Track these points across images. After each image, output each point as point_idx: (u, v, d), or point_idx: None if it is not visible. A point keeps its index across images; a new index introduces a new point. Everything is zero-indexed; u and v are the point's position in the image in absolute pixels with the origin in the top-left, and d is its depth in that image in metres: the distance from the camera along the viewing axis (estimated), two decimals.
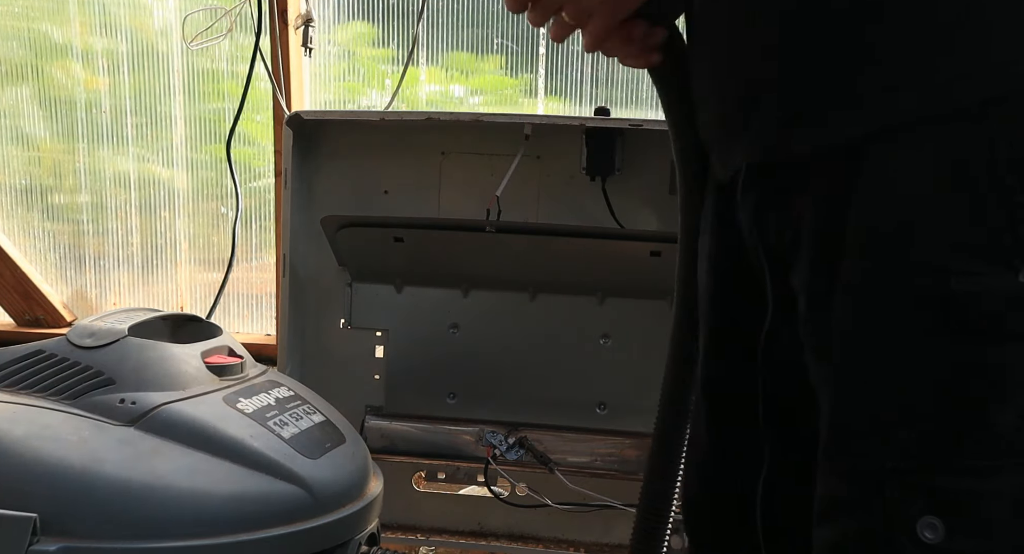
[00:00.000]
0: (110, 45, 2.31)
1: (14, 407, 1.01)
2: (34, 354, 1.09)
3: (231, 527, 0.96)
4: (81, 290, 2.48)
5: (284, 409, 1.12)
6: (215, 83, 2.31)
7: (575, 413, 1.65)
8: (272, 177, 2.21)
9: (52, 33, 2.33)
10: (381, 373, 1.72)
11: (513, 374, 1.67)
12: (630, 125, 1.55)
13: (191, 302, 2.44)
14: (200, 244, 2.42)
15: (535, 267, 1.62)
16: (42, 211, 2.45)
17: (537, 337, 1.67)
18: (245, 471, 1.00)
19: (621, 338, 1.64)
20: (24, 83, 2.36)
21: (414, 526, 1.74)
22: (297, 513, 1.01)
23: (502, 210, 1.60)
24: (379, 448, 1.63)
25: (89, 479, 0.94)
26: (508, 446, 1.61)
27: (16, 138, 2.40)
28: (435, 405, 1.69)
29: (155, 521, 0.94)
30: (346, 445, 1.14)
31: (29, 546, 0.89)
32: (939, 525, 0.61)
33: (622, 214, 1.63)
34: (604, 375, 1.65)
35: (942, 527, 0.61)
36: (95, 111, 2.36)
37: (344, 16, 2.16)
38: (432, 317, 1.69)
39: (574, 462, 1.61)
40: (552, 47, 2.13)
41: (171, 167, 2.38)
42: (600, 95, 2.14)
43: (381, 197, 1.70)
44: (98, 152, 2.38)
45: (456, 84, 2.21)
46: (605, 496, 1.59)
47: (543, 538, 1.72)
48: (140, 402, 1.01)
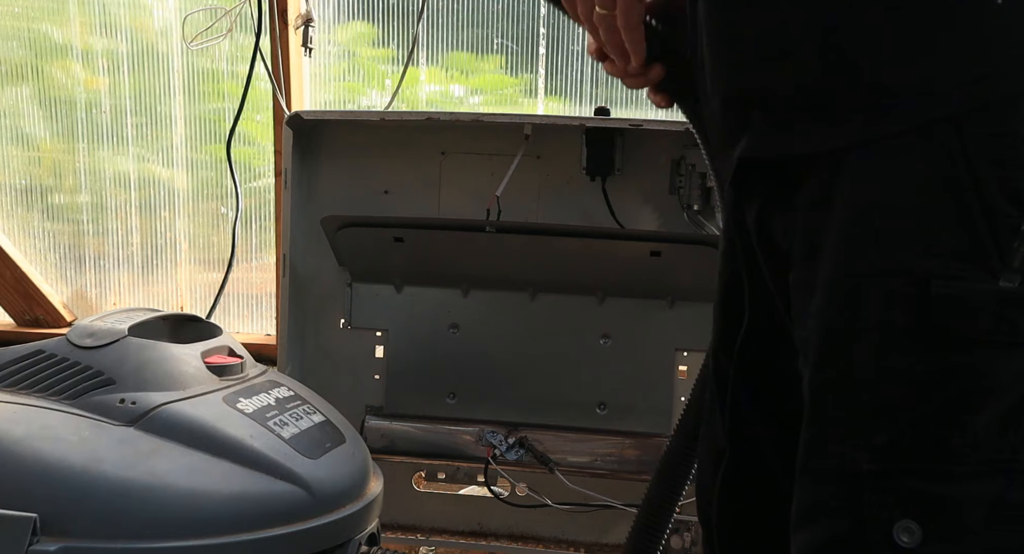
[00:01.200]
0: (110, 45, 2.31)
1: (14, 407, 1.01)
2: (34, 354, 1.09)
3: (231, 527, 0.96)
4: (81, 290, 2.48)
5: (284, 409, 1.12)
6: (215, 83, 2.31)
7: (575, 413, 1.65)
8: (272, 177, 2.21)
9: (52, 33, 2.33)
10: (381, 373, 1.72)
11: (513, 374, 1.67)
12: (630, 125, 1.55)
13: (191, 302, 2.44)
14: (200, 244, 2.42)
15: (535, 267, 1.62)
16: (42, 211, 2.45)
17: (537, 337, 1.67)
18: (245, 471, 1.00)
19: (621, 338, 1.64)
20: (24, 83, 2.36)
21: (414, 526, 1.74)
22: (297, 513, 1.01)
23: (502, 210, 1.60)
24: (379, 448, 1.62)
25: (89, 479, 0.94)
26: (508, 446, 1.61)
27: (16, 138, 2.40)
28: (435, 405, 1.69)
29: (155, 521, 0.94)
30: (346, 445, 1.14)
31: (29, 546, 0.90)
32: (915, 529, 0.61)
33: (622, 214, 1.63)
34: (604, 375, 1.65)
35: (919, 531, 0.61)
36: (95, 111, 2.35)
37: (344, 16, 2.16)
38: (432, 317, 1.69)
39: (574, 462, 1.61)
40: (552, 47, 2.13)
41: (171, 167, 2.38)
42: (600, 95, 2.14)
43: (381, 197, 1.70)
44: (98, 152, 2.38)
45: (456, 84, 2.21)
46: (605, 496, 1.59)
47: (543, 538, 1.72)
48: (140, 402, 1.01)
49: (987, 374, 0.61)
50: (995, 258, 0.61)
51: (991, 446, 0.61)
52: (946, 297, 0.61)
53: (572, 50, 2.13)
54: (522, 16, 2.13)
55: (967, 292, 0.61)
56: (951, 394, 0.61)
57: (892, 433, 0.63)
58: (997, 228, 0.61)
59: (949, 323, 0.61)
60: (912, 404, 0.62)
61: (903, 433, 0.62)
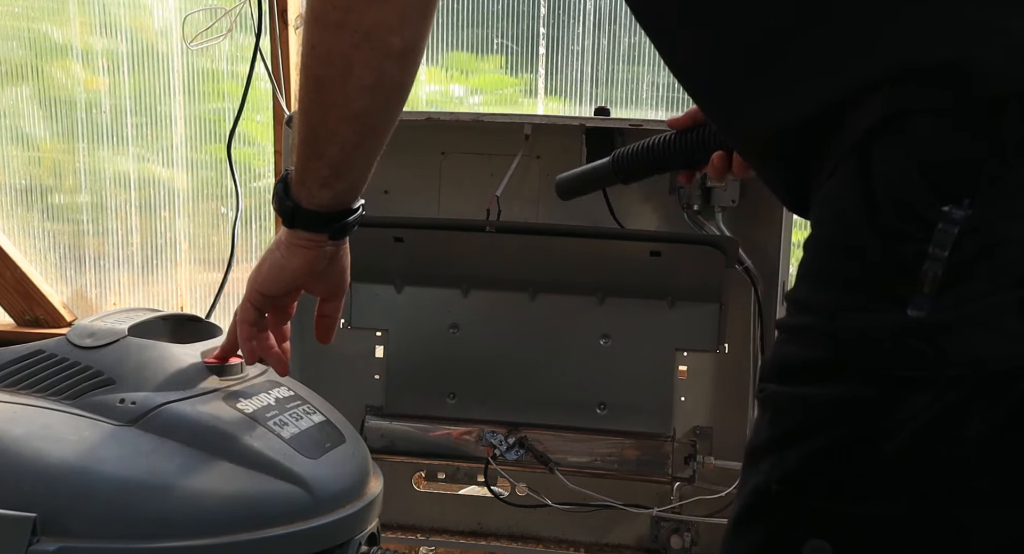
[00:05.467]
0: (110, 45, 2.31)
1: (14, 407, 1.01)
2: (34, 354, 1.08)
3: (231, 527, 0.96)
4: (81, 290, 2.48)
5: (284, 409, 1.12)
6: (215, 83, 2.31)
7: (575, 413, 1.65)
8: (272, 177, 2.21)
9: (52, 33, 2.33)
10: (381, 373, 1.72)
11: (513, 374, 1.67)
12: (630, 125, 1.55)
13: (191, 302, 2.44)
14: (200, 244, 2.42)
15: (535, 267, 1.62)
16: (42, 211, 2.45)
17: (537, 337, 1.67)
18: (245, 471, 0.99)
19: (621, 338, 1.64)
20: (24, 83, 2.36)
21: (414, 526, 1.74)
22: (297, 513, 1.01)
23: (502, 210, 1.60)
24: (379, 448, 1.63)
25: (89, 479, 0.94)
26: (508, 446, 1.61)
27: (16, 138, 2.40)
28: (435, 405, 1.69)
29: (155, 521, 0.94)
30: (346, 445, 1.14)
31: (29, 546, 0.89)
32: (827, 548, 0.61)
33: (622, 214, 1.63)
34: (604, 375, 1.65)
35: (830, 550, 0.61)
36: (95, 111, 2.36)
37: None
38: (432, 317, 1.69)
39: (574, 462, 1.61)
40: (552, 47, 2.14)
41: (171, 167, 2.38)
42: (600, 95, 2.14)
43: (381, 197, 1.70)
44: (98, 152, 2.38)
45: (456, 84, 2.21)
46: (605, 496, 1.59)
47: (543, 538, 1.72)
48: (140, 402, 1.01)
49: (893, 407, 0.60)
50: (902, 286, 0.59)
51: (898, 471, 0.60)
52: (850, 330, 0.61)
53: (572, 50, 2.13)
54: (522, 16, 2.13)
55: (873, 324, 0.60)
56: (858, 424, 0.61)
57: (801, 451, 0.63)
58: (902, 253, 0.59)
59: (852, 356, 0.61)
60: (818, 426, 0.63)
61: (811, 452, 0.63)
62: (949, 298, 0.57)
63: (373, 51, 0.78)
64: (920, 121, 0.59)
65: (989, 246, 0.57)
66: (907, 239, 0.58)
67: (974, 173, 0.57)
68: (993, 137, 0.57)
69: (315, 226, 0.94)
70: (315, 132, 0.86)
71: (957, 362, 0.57)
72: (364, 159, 0.89)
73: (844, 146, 0.62)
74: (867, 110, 0.60)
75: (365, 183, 0.93)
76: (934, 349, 0.58)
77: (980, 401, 0.57)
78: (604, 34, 2.12)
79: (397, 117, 0.87)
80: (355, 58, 0.79)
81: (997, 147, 0.57)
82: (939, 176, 0.58)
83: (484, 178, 1.65)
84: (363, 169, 0.90)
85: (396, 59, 0.80)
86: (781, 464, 0.64)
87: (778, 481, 0.64)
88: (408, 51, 0.80)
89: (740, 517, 0.68)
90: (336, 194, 0.91)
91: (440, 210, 1.71)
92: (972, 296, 0.57)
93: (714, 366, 1.63)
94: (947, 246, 0.57)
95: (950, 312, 0.57)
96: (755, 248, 1.56)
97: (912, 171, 0.58)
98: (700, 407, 1.64)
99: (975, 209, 0.57)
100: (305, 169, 0.89)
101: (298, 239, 0.95)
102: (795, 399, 0.64)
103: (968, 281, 0.57)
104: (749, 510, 0.67)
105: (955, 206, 0.57)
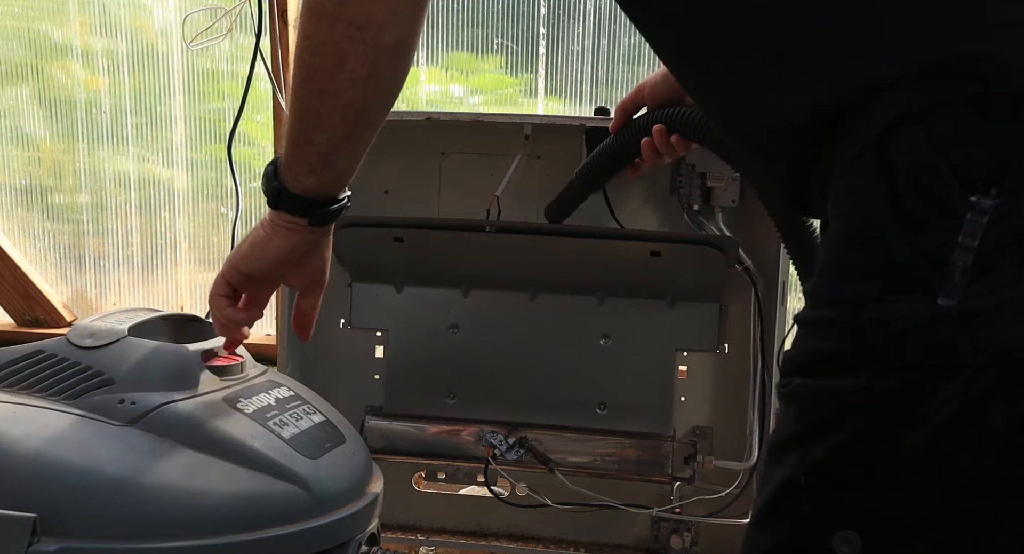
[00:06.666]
0: (110, 45, 2.31)
1: (14, 407, 1.01)
2: (34, 354, 1.08)
3: (231, 527, 0.96)
4: (81, 290, 2.48)
5: (284, 409, 1.12)
6: (215, 83, 2.31)
7: (575, 413, 1.65)
8: None
9: (52, 33, 2.33)
10: (381, 373, 1.72)
11: (513, 374, 1.67)
12: None
13: (191, 302, 2.44)
14: (200, 244, 2.42)
15: (535, 267, 1.62)
16: (42, 211, 2.45)
17: (537, 337, 1.67)
18: (245, 471, 1.00)
19: (621, 338, 1.64)
20: (24, 83, 2.36)
21: (414, 526, 1.74)
22: (297, 513, 1.01)
23: (502, 210, 1.60)
24: (379, 448, 1.63)
25: (89, 479, 0.94)
26: (508, 446, 1.61)
27: (16, 138, 2.40)
28: (435, 405, 1.69)
29: (155, 521, 0.94)
30: (346, 445, 1.14)
31: (29, 546, 0.89)
32: (856, 539, 0.62)
33: (622, 214, 1.63)
34: (604, 375, 1.65)
35: (859, 541, 0.62)
36: (95, 111, 2.36)
37: None
38: (432, 317, 1.69)
39: (574, 462, 1.60)
40: (552, 47, 2.14)
41: (171, 167, 2.38)
42: (600, 95, 2.14)
43: (381, 197, 1.70)
44: (98, 152, 2.38)
45: (456, 84, 2.21)
46: (605, 496, 1.59)
47: (543, 538, 1.72)
48: (140, 402, 1.01)
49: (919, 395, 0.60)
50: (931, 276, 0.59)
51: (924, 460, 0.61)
52: (877, 321, 0.61)
53: (572, 50, 2.13)
54: (522, 16, 2.13)
55: (902, 314, 0.60)
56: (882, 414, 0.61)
57: (827, 444, 0.64)
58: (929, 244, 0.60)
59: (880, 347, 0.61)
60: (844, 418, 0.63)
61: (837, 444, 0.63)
62: (979, 287, 0.58)
63: (366, 44, 0.79)
64: (944, 114, 0.59)
65: (1018, 235, 0.57)
66: (935, 230, 0.59)
67: (1001, 163, 0.58)
68: (1018, 129, 0.58)
69: (299, 210, 0.94)
70: (306, 119, 0.87)
71: (986, 350, 0.58)
72: (352, 149, 0.89)
73: (862, 140, 0.62)
74: (886, 105, 0.61)
75: (352, 174, 0.93)
76: (965, 338, 0.58)
77: (1007, 389, 0.58)
78: (604, 34, 2.12)
79: (388, 110, 0.87)
80: (348, 50, 0.80)
81: (1022, 138, 0.58)
82: (966, 167, 0.58)
83: (484, 178, 1.65)
84: (350, 159, 0.91)
85: (388, 53, 0.81)
86: (808, 457, 0.64)
87: (806, 473, 0.64)
88: (399, 45, 0.81)
89: (766, 511, 0.68)
90: (323, 182, 0.92)
91: (440, 210, 1.70)
92: (1001, 284, 0.58)
93: (714, 366, 1.63)
94: (977, 235, 0.57)
95: (980, 300, 0.58)
96: (755, 248, 1.56)
97: (939, 163, 0.59)
98: (700, 407, 1.64)
99: (1003, 198, 0.57)
100: (293, 154, 0.90)
101: (281, 220, 0.95)
102: (821, 392, 0.65)
103: (997, 270, 0.58)
104: (776, 504, 0.67)
105: (983, 196, 0.57)
